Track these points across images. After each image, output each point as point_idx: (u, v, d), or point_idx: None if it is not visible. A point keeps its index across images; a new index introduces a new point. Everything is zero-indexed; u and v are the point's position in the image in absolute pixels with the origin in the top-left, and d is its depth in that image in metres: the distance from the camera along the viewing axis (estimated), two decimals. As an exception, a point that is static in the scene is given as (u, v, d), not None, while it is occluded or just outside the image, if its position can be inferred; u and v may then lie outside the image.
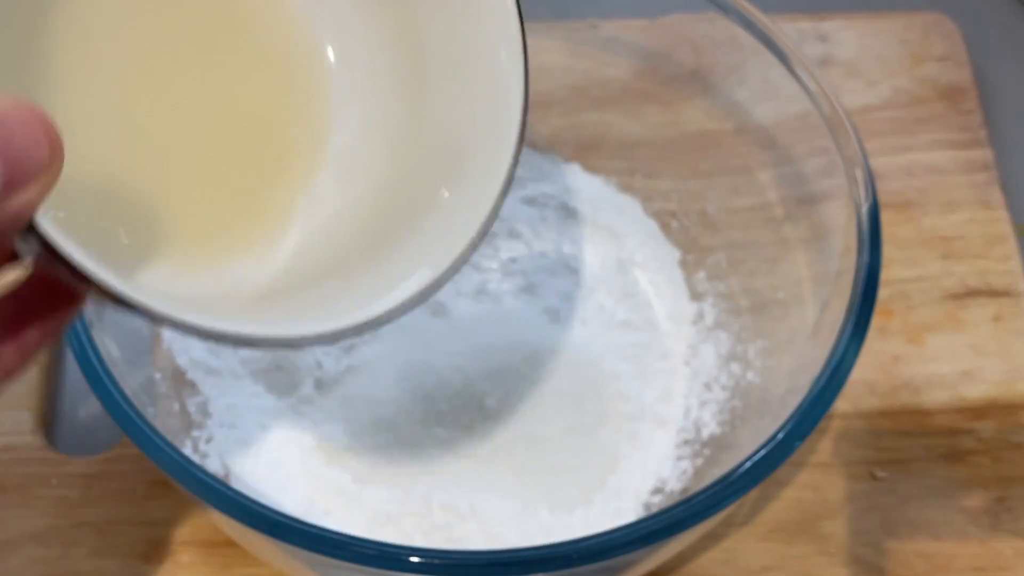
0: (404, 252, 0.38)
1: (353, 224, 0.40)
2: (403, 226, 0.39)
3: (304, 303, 0.38)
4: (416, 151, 0.40)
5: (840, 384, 0.43)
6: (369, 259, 0.39)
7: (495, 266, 0.57)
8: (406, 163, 0.40)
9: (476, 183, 0.38)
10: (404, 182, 0.40)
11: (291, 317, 0.36)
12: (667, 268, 0.58)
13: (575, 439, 0.52)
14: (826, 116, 0.50)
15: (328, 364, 0.54)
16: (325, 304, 0.37)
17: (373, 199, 0.40)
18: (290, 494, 0.50)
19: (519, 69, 0.39)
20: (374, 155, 0.41)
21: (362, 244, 0.39)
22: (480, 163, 0.39)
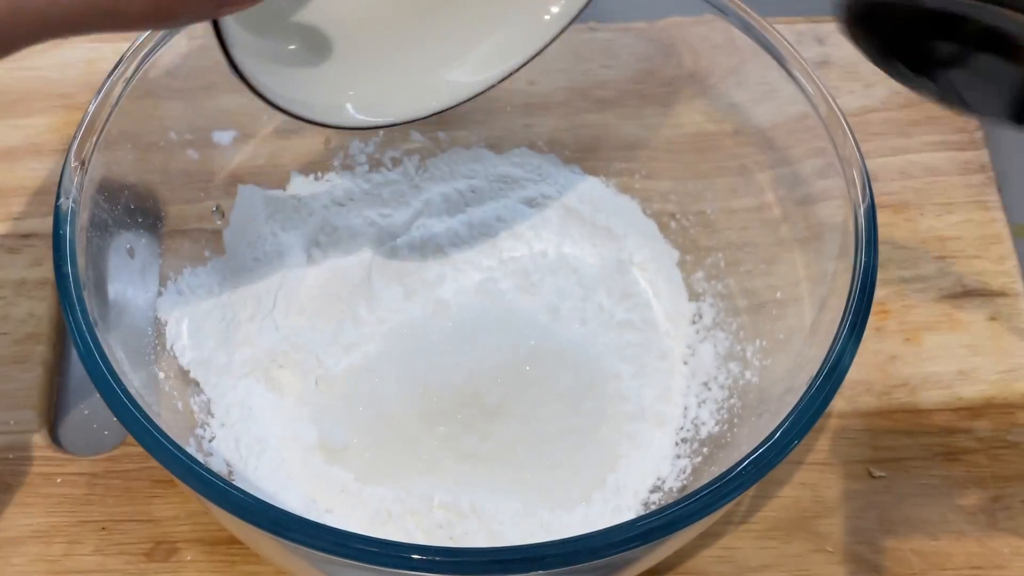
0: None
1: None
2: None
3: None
4: None
5: (837, 383, 0.43)
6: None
7: (495, 265, 0.57)
8: None
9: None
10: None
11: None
12: (666, 268, 0.58)
13: (575, 438, 0.52)
14: (824, 117, 0.50)
15: (329, 363, 0.54)
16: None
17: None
18: (292, 492, 0.50)
19: None
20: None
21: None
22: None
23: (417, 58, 0.49)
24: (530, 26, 0.49)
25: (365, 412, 0.52)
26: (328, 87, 0.47)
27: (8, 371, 0.55)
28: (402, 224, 0.58)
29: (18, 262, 0.58)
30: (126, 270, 0.50)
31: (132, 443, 0.51)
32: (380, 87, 0.48)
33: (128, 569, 0.50)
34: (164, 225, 0.54)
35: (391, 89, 0.49)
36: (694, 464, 0.51)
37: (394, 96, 0.49)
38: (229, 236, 0.56)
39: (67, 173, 0.46)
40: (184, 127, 0.54)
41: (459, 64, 0.49)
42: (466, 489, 0.50)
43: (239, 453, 0.51)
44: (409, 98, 0.49)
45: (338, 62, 0.48)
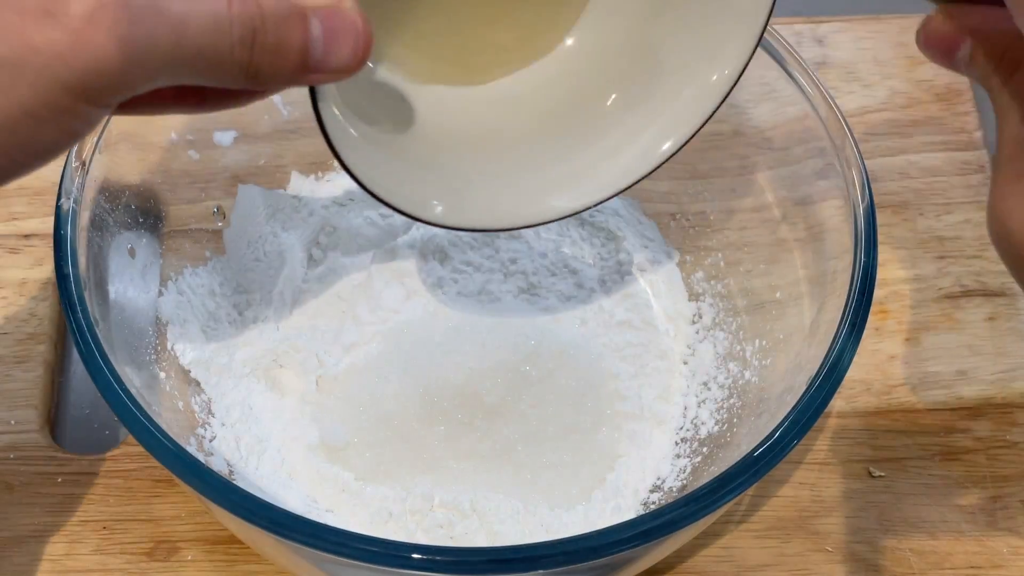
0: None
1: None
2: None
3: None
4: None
5: (837, 383, 0.43)
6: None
7: (496, 266, 0.57)
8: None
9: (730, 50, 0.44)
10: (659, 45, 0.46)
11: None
12: (665, 268, 0.58)
13: (575, 437, 0.52)
14: (823, 118, 0.50)
15: (330, 363, 0.54)
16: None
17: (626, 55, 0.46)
18: (293, 492, 0.50)
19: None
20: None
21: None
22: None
23: (526, 180, 0.47)
24: (644, 153, 0.47)
25: (365, 412, 0.52)
26: (421, 183, 0.46)
27: (9, 371, 0.55)
28: (403, 224, 0.58)
29: (19, 262, 0.58)
30: (127, 270, 0.50)
31: (133, 443, 0.51)
32: (478, 198, 0.47)
33: (129, 568, 0.50)
34: (165, 225, 0.54)
35: (487, 202, 0.47)
36: (694, 464, 0.51)
37: (487, 208, 0.47)
38: (229, 236, 0.57)
39: (68, 173, 0.46)
40: (185, 127, 0.55)
41: (565, 192, 0.47)
42: (466, 488, 0.50)
43: (240, 453, 0.51)
44: (501, 214, 0.47)
45: (436, 163, 0.46)
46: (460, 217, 0.46)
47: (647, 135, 0.46)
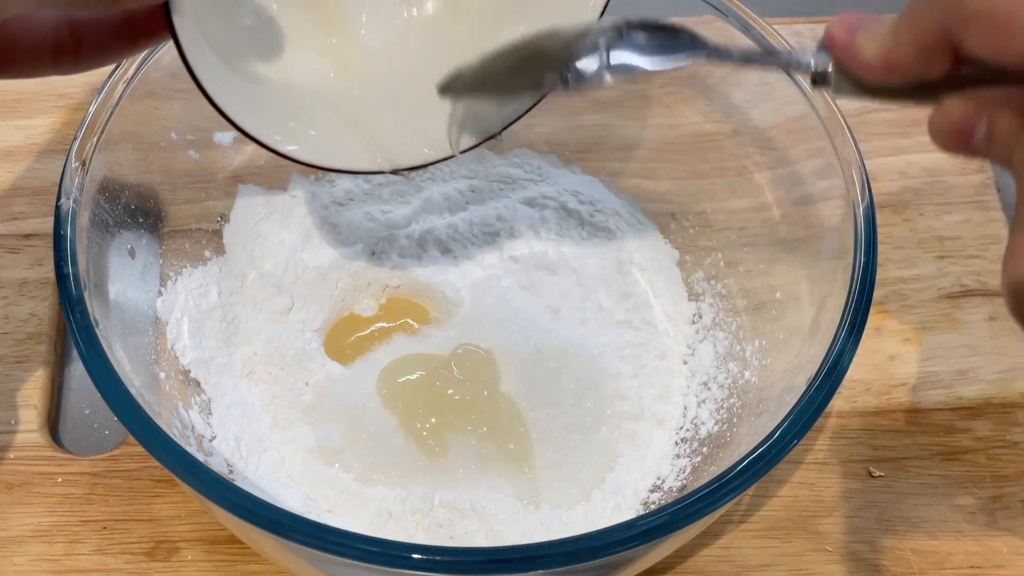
0: None
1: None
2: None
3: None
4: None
5: (837, 383, 0.43)
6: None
7: (496, 263, 0.58)
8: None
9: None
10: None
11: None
12: (665, 268, 0.58)
13: (575, 437, 0.52)
14: (823, 118, 0.50)
15: (330, 363, 0.54)
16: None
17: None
18: (293, 492, 0.50)
19: None
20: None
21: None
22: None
23: (409, 106, 0.48)
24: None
25: (365, 412, 0.52)
26: (285, 115, 0.47)
27: (9, 371, 0.55)
28: (402, 220, 0.58)
29: (19, 262, 0.58)
30: (127, 270, 0.50)
31: (133, 443, 0.52)
32: (377, 132, 0.48)
33: (129, 568, 0.50)
34: (165, 225, 0.54)
35: (389, 136, 0.48)
36: (694, 464, 0.51)
37: (391, 142, 0.48)
38: (229, 236, 0.57)
39: (68, 173, 0.46)
40: (185, 127, 0.55)
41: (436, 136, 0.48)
42: (466, 488, 0.50)
43: (240, 453, 0.51)
44: (408, 144, 0.48)
45: (317, 94, 0.47)
46: (343, 159, 0.47)
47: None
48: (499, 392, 0.53)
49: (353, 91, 0.48)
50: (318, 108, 0.47)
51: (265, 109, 0.45)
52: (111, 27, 0.41)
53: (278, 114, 0.46)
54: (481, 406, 0.52)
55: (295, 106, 0.47)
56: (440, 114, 0.47)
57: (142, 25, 0.41)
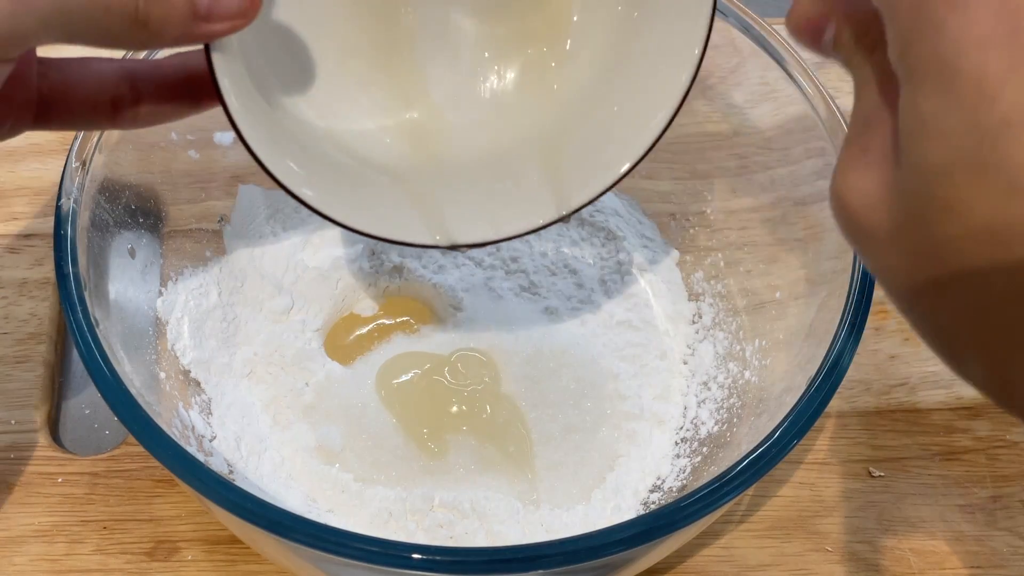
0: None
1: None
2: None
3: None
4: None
5: (837, 383, 0.43)
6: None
7: (497, 263, 0.58)
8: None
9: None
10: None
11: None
12: (665, 268, 0.58)
13: (575, 437, 0.52)
14: (823, 118, 0.50)
15: (330, 363, 0.54)
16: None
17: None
18: (293, 492, 0.50)
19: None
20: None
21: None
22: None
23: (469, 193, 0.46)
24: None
25: (365, 412, 0.52)
26: (342, 184, 0.44)
27: (10, 371, 0.55)
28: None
29: (20, 262, 0.58)
30: (127, 270, 0.50)
31: (133, 443, 0.52)
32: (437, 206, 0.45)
33: (129, 568, 0.50)
34: (165, 225, 0.54)
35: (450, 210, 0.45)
36: (694, 464, 0.51)
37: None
38: (229, 236, 0.57)
39: (68, 173, 0.46)
40: (185, 127, 0.55)
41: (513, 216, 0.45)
42: (466, 488, 0.50)
43: (240, 453, 0.51)
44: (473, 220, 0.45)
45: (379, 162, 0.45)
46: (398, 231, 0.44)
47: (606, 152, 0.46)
48: (499, 393, 0.53)
49: (424, 169, 0.46)
50: (381, 179, 0.45)
51: (319, 172, 0.43)
52: (171, 84, 0.41)
53: (332, 179, 0.44)
54: (481, 407, 0.52)
55: (353, 174, 0.45)
56: (505, 194, 0.45)
57: (204, 84, 0.39)
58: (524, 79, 0.47)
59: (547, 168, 0.45)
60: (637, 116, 0.44)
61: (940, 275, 0.28)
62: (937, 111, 0.27)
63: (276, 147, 0.40)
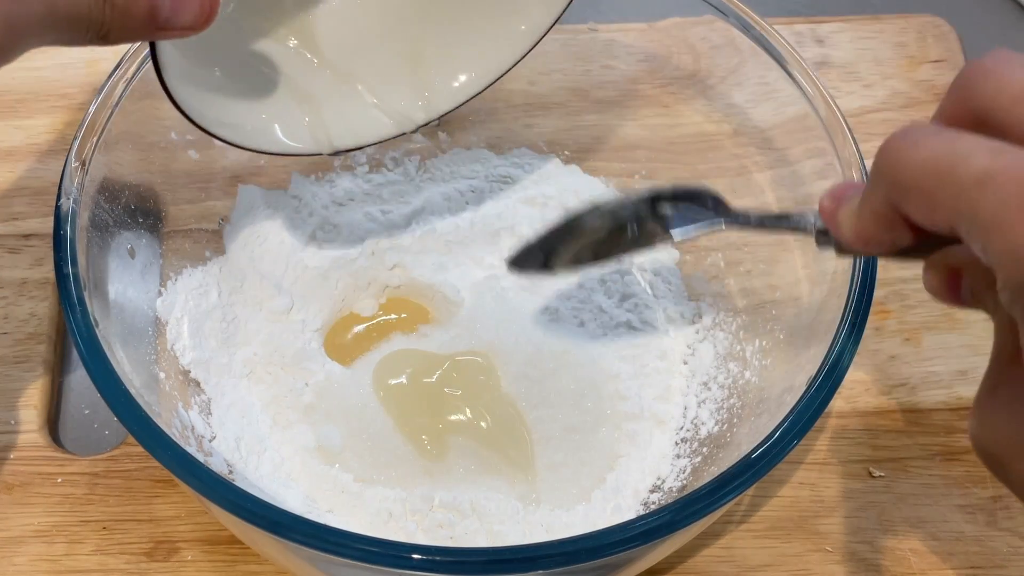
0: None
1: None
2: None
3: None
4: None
5: (837, 383, 0.43)
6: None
7: (497, 263, 0.57)
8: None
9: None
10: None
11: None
12: (665, 269, 0.58)
13: (575, 438, 0.52)
14: (823, 118, 0.50)
15: (330, 363, 0.54)
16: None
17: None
18: (293, 492, 0.50)
19: None
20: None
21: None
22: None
23: (367, 85, 0.49)
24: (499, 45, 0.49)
25: (365, 412, 0.52)
26: (259, 110, 0.48)
27: (9, 371, 0.55)
28: (402, 220, 0.58)
29: (19, 262, 0.58)
30: (127, 270, 0.50)
31: (132, 443, 0.52)
32: (322, 115, 0.49)
33: (129, 569, 0.50)
34: (165, 225, 0.54)
35: (332, 117, 0.49)
36: (694, 464, 0.51)
37: (334, 123, 0.49)
38: (229, 236, 0.57)
39: (68, 173, 0.46)
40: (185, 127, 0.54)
41: (413, 92, 0.49)
42: (466, 488, 0.50)
43: (239, 453, 0.51)
44: (352, 126, 0.49)
45: (272, 87, 0.48)
46: (277, 142, 0.48)
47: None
48: (499, 393, 0.53)
49: (304, 65, 0.49)
50: (269, 87, 0.48)
51: (216, 97, 0.47)
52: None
53: (228, 101, 0.47)
54: (481, 408, 0.52)
55: (247, 88, 0.48)
56: (381, 93, 0.49)
57: None
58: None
59: (416, 69, 0.49)
60: (510, 19, 0.47)
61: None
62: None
63: (191, 85, 0.44)
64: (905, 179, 0.31)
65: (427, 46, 0.50)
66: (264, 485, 0.50)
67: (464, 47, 0.49)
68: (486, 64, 0.49)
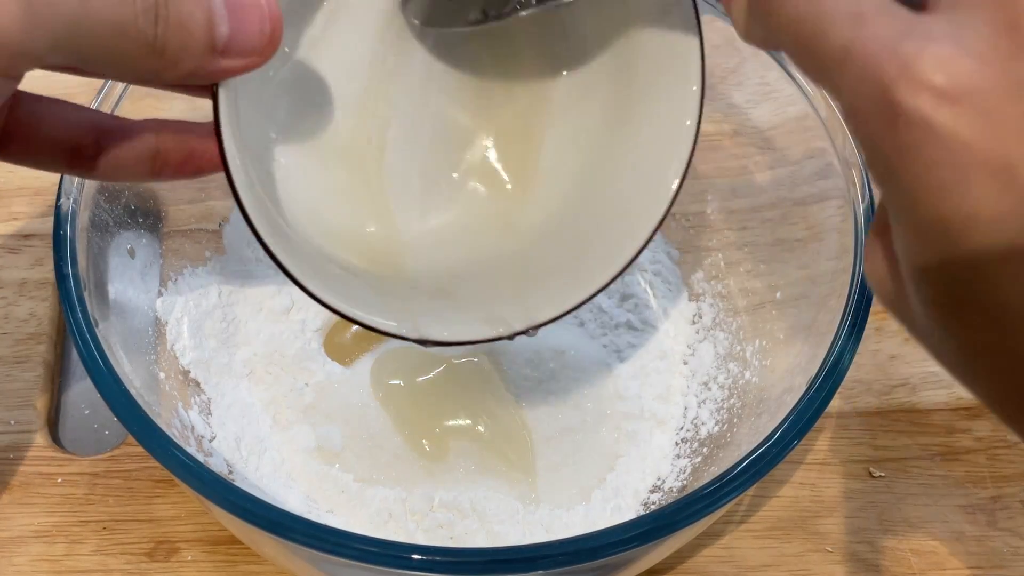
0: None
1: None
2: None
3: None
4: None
5: (837, 383, 0.43)
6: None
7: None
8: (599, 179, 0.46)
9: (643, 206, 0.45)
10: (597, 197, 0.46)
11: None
12: (665, 269, 0.58)
13: (575, 438, 0.52)
14: (823, 118, 0.50)
15: (330, 363, 0.54)
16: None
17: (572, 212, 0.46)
18: (293, 492, 0.50)
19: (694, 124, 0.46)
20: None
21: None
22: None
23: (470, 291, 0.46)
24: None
25: (365, 413, 0.52)
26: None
27: (9, 371, 0.55)
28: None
29: (19, 262, 0.58)
30: (127, 270, 0.50)
31: (132, 443, 0.52)
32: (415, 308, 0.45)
33: (129, 569, 0.50)
34: (165, 225, 0.54)
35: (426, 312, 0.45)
36: (694, 464, 0.51)
37: (425, 315, 0.44)
38: (229, 236, 0.57)
39: (68, 173, 0.46)
40: (184, 127, 0.54)
41: (514, 302, 0.45)
42: (466, 489, 0.50)
43: (239, 453, 0.51)
44: (446, 323, 0.44)
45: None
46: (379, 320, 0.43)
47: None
48: (499, 394, 0.53)
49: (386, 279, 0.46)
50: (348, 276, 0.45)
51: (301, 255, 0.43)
52: (136, 147, 0.39)
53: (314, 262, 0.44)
54: (481, 411, 0.52)
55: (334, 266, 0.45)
56: (483, 298, 0.45)
57: (170, 161, 0.39)
58: (489, 208, 0.47)
59: (513, 288, 0.45)
60: (611, 241, 0.45)
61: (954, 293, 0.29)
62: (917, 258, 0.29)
63: (268, 216, 0.40)
64: (775, 36, 0.29)
65: (533, 262, 0.47)
66: (264, 485, 0.50)
67: (566, 264, 0.46)
68: (592, 277, 0.45)
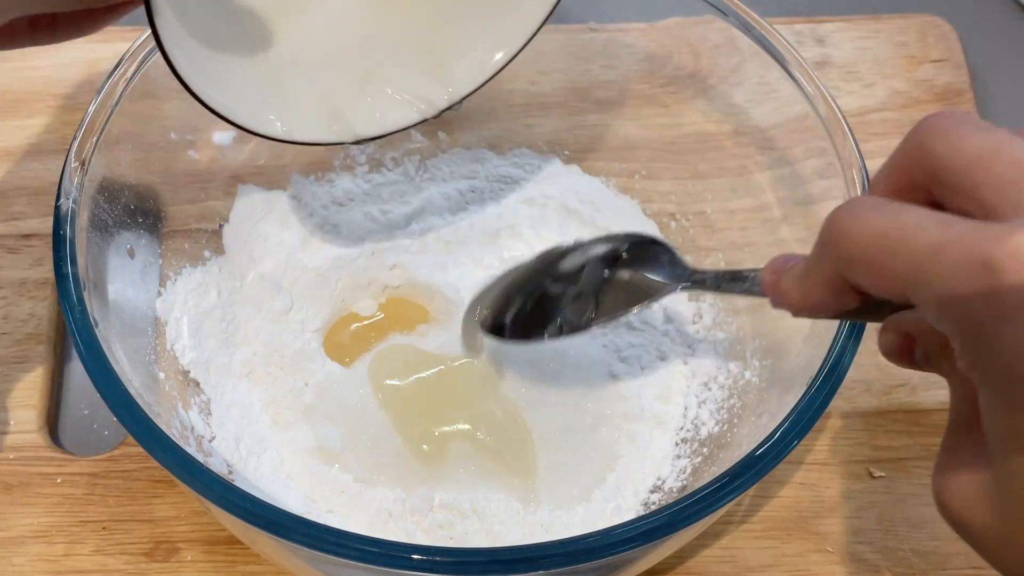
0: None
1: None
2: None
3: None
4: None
5: (837, 384, 0.43)
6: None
7: (496, 263, 0.57)
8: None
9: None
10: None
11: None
12: (666, 268, 0.58)
13: (575, 438, 0.52)
14: (823, 118, 0.50)
15: (330, 363, 0.54)
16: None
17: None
18: (293, 493, 0.50)
19: None
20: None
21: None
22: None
23: (363, 79, 0.49)
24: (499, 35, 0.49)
25: (364, 413, 0.52)
26: (273, 97, 0.47)
27: (8, 371, 0.55)
28: (402, 220, 0.58)
29: (19, 262, 0.58)
30: (126, 270, 0.50)
31: (132, 443, 0.52)
32: (342, 104, 0.49)
33: (128, 569, 0.50)
34: (164, 225, 0.54)
35: (353, 106, 0.49)
36: (694, 464, 0.51)
37: (355, 112, 0.49)
38: (229, 236, 0.57)
39: (67, 173, 0.46)
40: (184, 127, 0.55)
41: (432, 79, 0.50)
42: (466, 489, 0.50)
43: (239, 453, 0.51)
44: (374, 114, 0.49)
45: (287, 74, 0.48)
46: (303, 131, 0.47)
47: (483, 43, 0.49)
48: (499, 393, 0.53)
49: (315, 59, 0.49)
50: (287, 81, 0.48)
51: (235, 87, 0.46)
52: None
53: (249, 91, 0.47)
54: (481, 413, 0.52)
55: (267, 82, 0.47)
56: (401, 82, 0.48)
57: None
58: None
59: (431, 58, 0.50)
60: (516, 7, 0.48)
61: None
62: (1015, 423, 0.29)
63: (207, 76, 0.43)
64: (853, 252, 0.31)
65: (441, 34, 0.50)
66: (264, 485, 0.50)
67: (477, 31, 0.49)
68: (501, 44, 0.49)
